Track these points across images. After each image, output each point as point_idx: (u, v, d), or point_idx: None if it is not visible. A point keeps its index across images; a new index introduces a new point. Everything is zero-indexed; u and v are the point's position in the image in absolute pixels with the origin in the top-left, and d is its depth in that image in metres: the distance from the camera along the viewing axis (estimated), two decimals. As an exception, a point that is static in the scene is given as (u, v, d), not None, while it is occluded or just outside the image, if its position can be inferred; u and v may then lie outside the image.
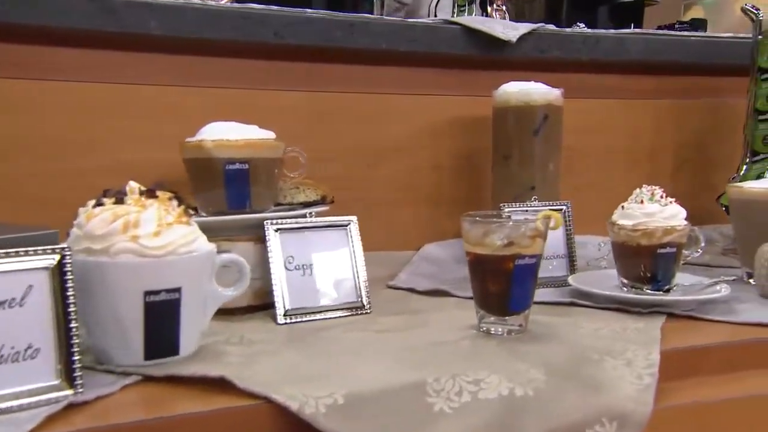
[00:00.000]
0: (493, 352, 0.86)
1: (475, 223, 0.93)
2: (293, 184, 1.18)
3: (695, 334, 0.95)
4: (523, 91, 1.30)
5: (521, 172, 1.33)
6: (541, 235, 0.92)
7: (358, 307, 1.04)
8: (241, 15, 1.25)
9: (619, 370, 0.82)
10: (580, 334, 0.92)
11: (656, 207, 1.07)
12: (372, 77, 1.41)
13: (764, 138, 1.47)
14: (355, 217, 1.07)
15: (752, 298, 1.12)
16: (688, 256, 1.15)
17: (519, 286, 0.92)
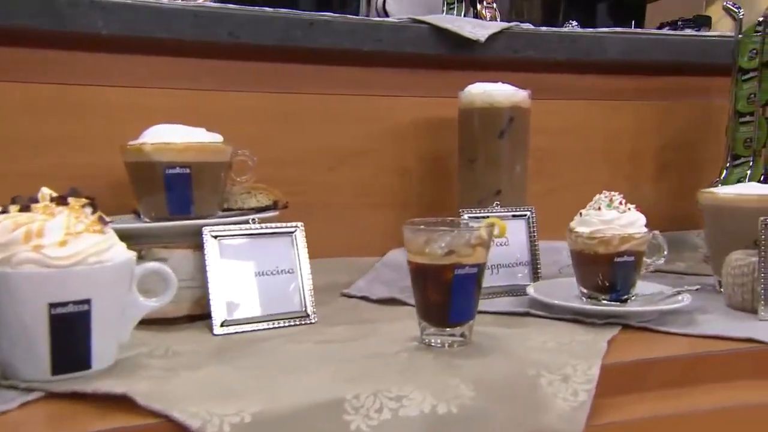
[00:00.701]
0: (427, 366, 0.82)
1: (416, 232, 0.89)
2: (244, 189, 1.14)
3: (646, 346, 0.91)
4: (487, 92, 1.26)
5: (486, 176, 1.29)
6: (483, 243, 0.88)
7: (302, 317, 1.00)
8: (194, 14, 1.22)
9: (554, 386, 0.78)
10: (524, 347, 0.88)
11: (614, 214, 1.03)
12: (334, 78, 1.37)
13: (745, 141, 1.42)
14: (301, 224, 1.04)
15: (718, 309, 1.08)
16: (650, 265, 1.10)
17: (459, 297, 0.88)
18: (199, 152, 1.02)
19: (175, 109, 1.20)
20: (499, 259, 1.18)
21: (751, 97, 1.41)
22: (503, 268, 1.18)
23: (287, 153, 1.35)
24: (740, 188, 1.18)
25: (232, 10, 1.26)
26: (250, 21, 1.27)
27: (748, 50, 1.42)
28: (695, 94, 1.65)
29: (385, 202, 1.42)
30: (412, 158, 1.44)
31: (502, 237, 0.96)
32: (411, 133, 1.43)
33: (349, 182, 1.39)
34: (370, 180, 1.41)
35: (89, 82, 1.20)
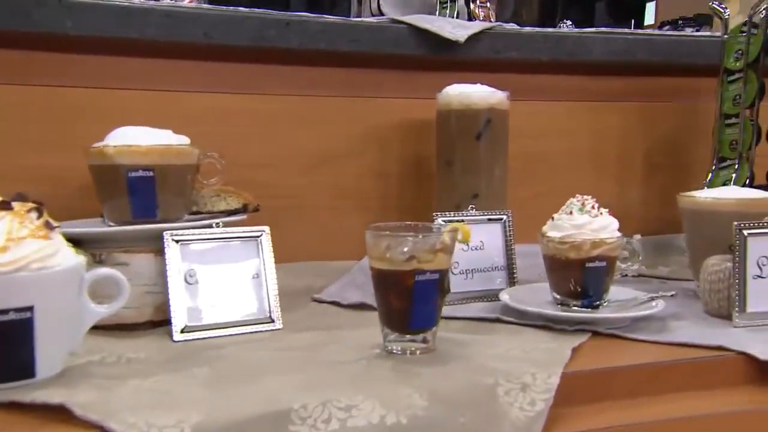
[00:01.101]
0: (384, 374, 0.80)
1: (378, 237, 0.87)
2: (214, 192, 1.13)
3: (612, 354, 0.89)
4: (464, 93, 1.24)
5: (464, 179, 1.27)
6: (445, 249, 0.86)
7: (266, 323, 0.98)
8: (167, 14, 1.20)
9: (512, 395, 0.76)
10: (487, 355, 0.86)
11: (585, 218, 1.01)
12: (311, 79, 1.35)
13: (731, 143, 1.40)
14: (267, 228, 1.02)
15: (695, 315, 1.06)
16: (626, 270, 1.08)
17: (421, 303, 0.86)
18: (163, 155, 1.00)
19: (146, 111, 1.19)
20: (474, 263, 1.16)
21: (737, 98, 1.38)
22: (478, 273, 1.16)
23: (264, 155, 1.33)
24: (719, 192, 1.16)
25: (205, 10, 1.25)
26: (223, 21, 1.25)
27: (734, 51, 1.39)
28: (684, 95, 1.62)
29: (364, 206, 1.40)
30: (392, 161, 1.42)
31: (466, 242, 0.93)
32: (391, 135, 1.41)
33: (327, 185, 1.37)
34: (349, 183, 1.39)
35: (58, 83, 1.18)
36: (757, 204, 1.10)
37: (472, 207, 1.18)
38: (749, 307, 1.01)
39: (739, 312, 1.00)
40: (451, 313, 1.07)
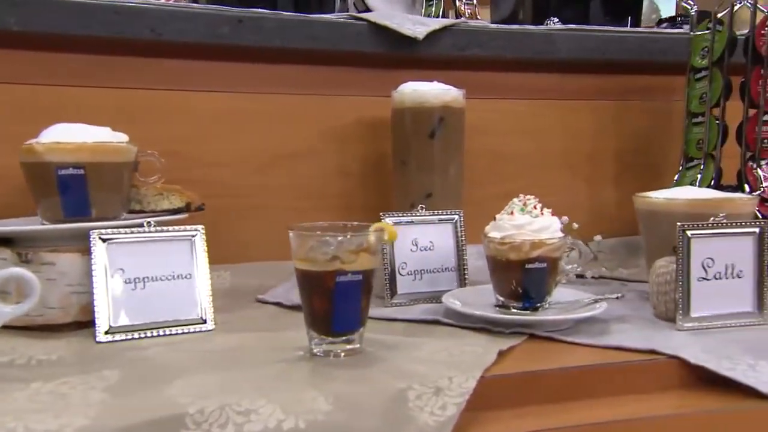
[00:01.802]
0: (298, 377, 0.78)
1: (301, 237, 0.85)
2: (157, 191, 1.11)
3: (542, 357, 0.87)
4: (417, 91, 1.22)
5: (418, 179, 1.25)
6: (369, 249, 0.84)
7: (198, 324, 0.97)
8: (114, 9, 1.19)
9: (423, 399, 0.74)
10: (410, 358, 0.84)
11: (526, 219, 0.98)
12: (269, 76, 1.34)
13: (698, 142, 1.37)
14: (202, 227, 1.00)
15: (641, 318, 1.03)
16: (571, 271, 1.05)
17: (343, 305, 0.84)
18: (95, 152, 0.99)
19: (93, 109, 1.18)
20: (424, 264, 1.14)
21: (703, 96, 1.35)
22: (427, 274, 1.14)
23: (221, 154, 1.32)
24: (672, 192, 1.13)
25: (154, 6, 1.23)
26: (172, 17, 1.24)
27: (701, 48, 1.36)
28: (657, 94, 1.60)
29: (325, 205, 1.38)
30: (353, 159, 1.40)
31: (392, 242, 0.91)
32: (352, 133, 1.39)
33: (286, 185, 1.36)
34: (309, 182, 1.37)
35: (1, 79, 1.16)
36: (708, 204, 1.07)
37: (421, 207, 1.15)
38: (693, 310, 0.98)
39: (682, 315, 0.97)
40: (393, 314, 1.05)
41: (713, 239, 0.99)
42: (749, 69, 1.29)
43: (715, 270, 0.99)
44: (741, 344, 0.91)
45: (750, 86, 1.29)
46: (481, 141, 1.48)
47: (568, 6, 2.47)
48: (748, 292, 1.01)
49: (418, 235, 1.14)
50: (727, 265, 1.00)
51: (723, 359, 0.86)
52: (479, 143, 1.48)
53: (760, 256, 1.00)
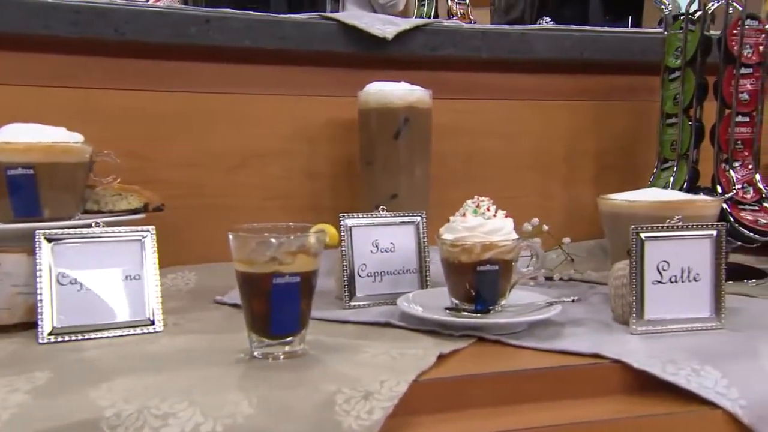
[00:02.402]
0: (229, 380, 0.78)
1: (240, 239, 0.84)
2: (115, 191, 1.11)
3: (484, 361, 0.86)
4: (381, 92, 1.21)
5: (383, 180, 1.24)
6: (307, 251, 0.83)
7: (145, 326, 0.96)
8: (75, 9, 1.19)
9: (351, 403, 0.73)
10: (350, 361, 0.83)
11: (478, 221, 0.98)
12: (237, 76, 1.33)
13: (672, 144, 1.35)
14: (153, 228, 1.00)
15: (598, 321, 1.02)
16: (527, 273, 1.04)
17: (280, 307, 0.84)
18: (46, 152, 0.98)
19: (56, 109, 1.18)
20: (384, 266, 1.13)
21: (677, 97, 1.33)
22: (387, 276, 1.13)
23: (188, 154, 1.31)
24: (635, 194, 1.11)
25: (118, 6, 1.22)
26: (136, 17, 1.23)
27: (674, 49, 1.34)
28: (637, 94, 1.57)
29: (293, 206, 1.37)
30: (322, 160, 1.39)
31: (334, 245, 0.90)
32: (322, 134, 1.39)
33: (253, 185, 1.35)
34: (277, 183, 1.37)
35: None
36: (669, 207, 1.06)
37: (382, 208, 1.14)
38: (647, 314, 0.97)
39: (636, 318, 0.96)
40: (348, 316, 1.04)
41: (668, 242, 0.97)
42: (722, 69, 1.27)
43: (670, 273, 0.98)
44: (691, 348, 0.89)
45: (722, 87, 1.27)
46: (455, 141, 1.47)
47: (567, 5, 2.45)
48: (706, 295, 0.99)
49: (379, 237, 1.13)
50: (684, 268, 0.98)
51: (668, 363, 0.85)
52: (453, 144, 1.47)
53: (717, 260, 0.99)
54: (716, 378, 0.83)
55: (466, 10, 2.44)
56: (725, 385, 0.82)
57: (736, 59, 1.26)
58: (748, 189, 1.29)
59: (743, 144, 1.29)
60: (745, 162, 1.29)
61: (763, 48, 1.27)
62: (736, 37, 1.25)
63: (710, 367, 0.85)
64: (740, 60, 1.26)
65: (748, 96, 1.27)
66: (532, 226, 1.31)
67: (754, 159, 1.29)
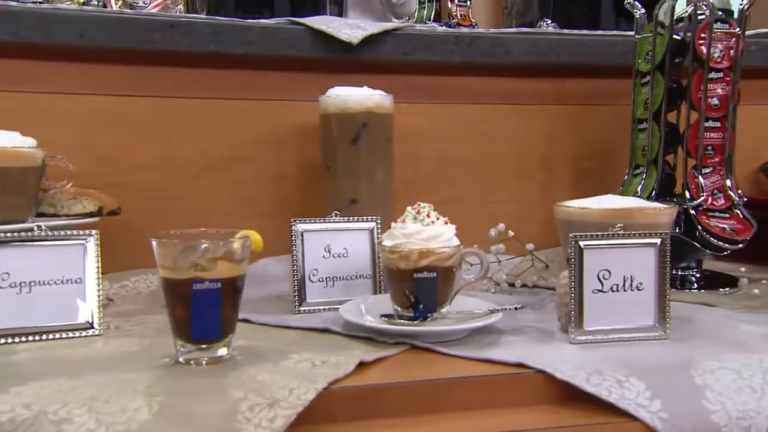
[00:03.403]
0: (140, 385, 0.78)
1: (163, 245, 0.85)
2: (71, 194, 1.13)
3: (405, 369, 0.85)
4: (339, 97, 1.21)
5: (342, 184, 1.24)
6: (228, 258, 0.84)
7: (84, 329, 0.97)
8: (41, 15, 1.21)
9: (255, 410, 0.73)
10: (271, 368, 0.83)
11: (416, 227, 0.97)
12: (203, 81, 1.34)
13: (643, 149, 1.33)
14: (96, 232, 1.00)
15: (540, 330, 1.01)
16: (471, 280, 1.03)
17: (201, 313, 0.84)
18: (-3, 157, 1.00)
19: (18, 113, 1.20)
20: (337, 271, 1.13)
21: (648, 102, 1.31)
22: (340, 281, 1.13)
23: (155, 158, 1.33)
24: (588, 202, 1.09)
25: (84, 12, 1.24)
26: (102, 23, 1.25)
27: (645, 52, 1.32)
28: (618, 98, 1.55)
29: (260, 210, 1.37)
30: (290, 164, 1.40)
31: (258, 250, 0.90)
32: (289, 138, 1.39)
33: (219, 189, 1.36)
34: (243, 187, 1.37)
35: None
36: (620, 214, 1.04)
37: (336, 213, 1.14)
38: (587, 323, 0.95)
39: (574, 328, 0.95)
40: (292, 322, 1.04)
41: (609, 251, 0.96)
42: (691, 73, 1.25)
43: (611, 282, 0.96)
44: (623, 359, 0.88)
45: (691, 91, 1.24)
46: (428, 146, 1.47)
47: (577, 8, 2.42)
48: (649, 305, 0.97)
49: (332, 242, 1.13)
50: (626, 277, 0.97)
51: (593, 374, 0.83)
52: (428, 148, 1.47)
53: (661, 269, 0.97)
54: (640, 390, 0.82)
55: (467, 12, 2.43)
56: (648, 397, 0.81)
57: (704, 63, 1.23)
58: (719, 196, 1.26)
59: (714, 150, 1.26)
60: (717, 168, 1.26)
61: (733, 52, 1.24)
62: (704, 40, 1.23)
63: (635, 379, 0.83)
64: (709, 64, 1.23)
65: (718, 101, 1.25)
66: (498, 231, 1.30)
67: (725, 165, 1.26)
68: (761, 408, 0.82)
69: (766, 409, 0.82)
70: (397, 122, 1.32)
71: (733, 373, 0.86)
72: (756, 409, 0.82)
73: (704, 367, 0.86)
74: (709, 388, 0.83)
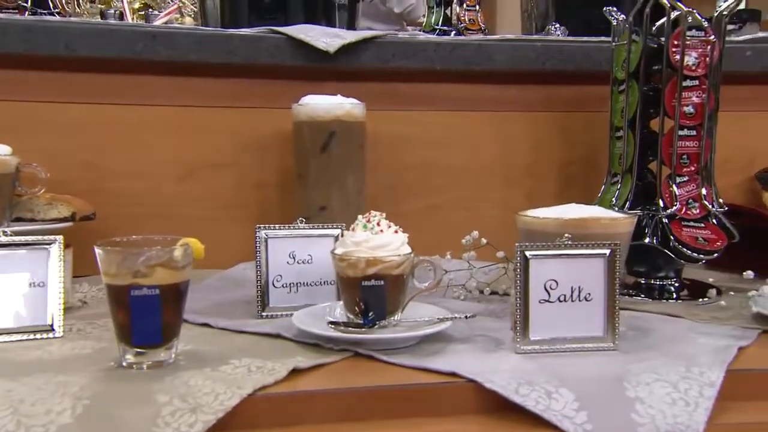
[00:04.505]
0: (73, 388, 0.80)
1: (105, 252, 0.88)
2: (47, 200, 1.17)
3: (339, 376, 0.87)
4: (309, 105, 1.24)
5: (312, 192, 1.26)
6: (167, 264, 0.86)
7: (44, 331, 1.01)
8: (27, 28, 1.25)
9: (175, 416, 0.75)
10: (207, 373, 0.85)
11: (365, 236, 0.98)
12: (185, 89, 1.38)
13: (620, 157, 1.32)
14: (61, 237, 1.04)
15: (492, 340, 1.01)
16: (424, 288, 1.04)
17: (141, 319, 0.87)
18: (-33, 164, 1.04)
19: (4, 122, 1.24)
20: (301, 277, 1.15)
21: (624, 110, 1.30)
22: (303, 287, 1.15)
23: (138, 165, 1.36)
24: (547, 211, 1.09)
25: (69, 24, 1.29)
26: (87, 34, 1.29)
27: (622, 60, 1.31)
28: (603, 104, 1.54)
29: (242, 216, 1.40)
30: (270, 171, 1.42)
31: (199, 258, 0.92)
32: (270, 145, 1.41)
33: (201, 195, 1.39)
34: (226, 193, 1.40)
35: None
36: (578, 224, 1.04)
37: (301, 220, 1.16)
38: (532, 333, 0.95)
39: (519, 338, 0.95)
40: (247, 327, 1.06)
41: (556, 261, 0.96)
42: (665, 81, 1.24)
43: (559, 292, 0.96)
44: (559, 369, 0.88)
45: (665, 99, 1.24)
46: (410, 153, 1.48)
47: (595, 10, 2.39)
48: (598, 316, 0.97)
49: (296, 249, 1.15)
50: (574, 287, 0.96)
51: (524, 385, 0.84)
52: (411, 155, 1.48)
53: (611, 279, 0.97)
54: (568, 401, 0.82)
55: (476, 17, 2.42)
56: (575, 408, 0.81)
57: (678, 71, 1.22)
58: (694, 205, 1.25)
59: (689, 158, 1.25)
60: (693, 177, 1.25)
61: (709, 59, 1.23)
62: (677, 47, 1.22)
63: (566, 390, 0.83)
64: (682, 71, 1.22)
65: (693, 109, 1.24)
66: (472, 239, 1.30)
67: (701, 174, 1.25)
68: (692, 422, 0.81)
69: (697, 422, 0.82)
70: (379, 130, 1.34)
71: (670, 386, 0.86)
72: (687, 423, 0.81)
73: (639, 380, 0.86)
74: (640, 400, 0.83)
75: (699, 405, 0.84)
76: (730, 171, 1.59)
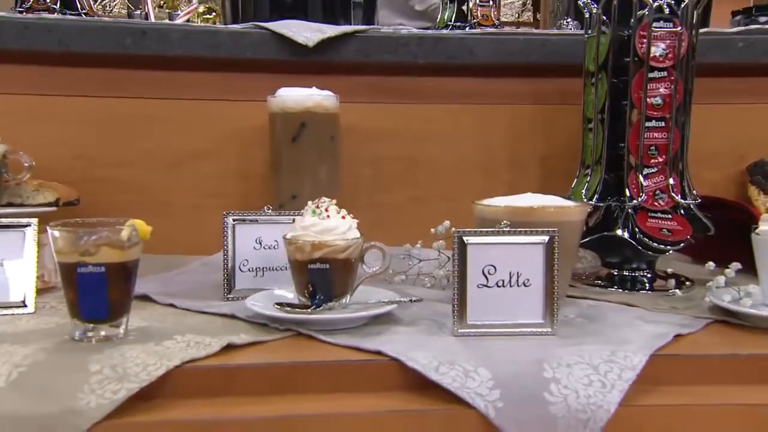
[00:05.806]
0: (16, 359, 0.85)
1: (58, 231, 0.94)
2: (35, 186, 1.24)
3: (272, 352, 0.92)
4: (281, 97, 1.28)
5: (284, 180, 1.31)
6: (111, 244, 0.92)
7: (17, 307, 1.08)
8: (23, 24, 1.32)
9: (103, 384, 0.81)
10: (147, 347, 0.91)
11: (312, 220, 1.02)
12: (173, 83, 1.43)
13: (592, 149, 1.34)
14: (36, 220, 1.11)
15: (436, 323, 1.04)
16: (372, 273, 1.08)
17: (87, 295, 0.93)
18: (-48, 152, 1.12)
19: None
20: (266, 262, 1.20)
21: (594, 102, 1.32)
22: (269, 272, 1.20)
23: (129, 155, 1.43)
24: (499, 200, 1.12)
25: (62, 21, 1.36)
26: (79, 30, 1.35)
27: (594, 52, 1.33)
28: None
29: (226, 204, 1.42)
30: (254, 161, 1.47)
31: (145, 239, 0.97)
32: (253, 136, 1.46)
33: (192, 184, 1.45)
34: (212, 182, 1.46)
35: None
36: (528, 212, 1.07)
37: (268, 207, 1.21)
38: (469, 317, 0.98)
39: (457, 321, 0.98)
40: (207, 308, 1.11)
41: (494, 247, 0.99)
42: (632, 72, 1.25)
43: (497, 278, 0.99)
44: (485, 351, 0.91)
45: (631, 90, 1.25)
46: (394, 146, 1.51)
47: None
48: (537, 301, 0.99)
49: (263, 234, 1.19)
50: (512, 273, 0.99)
51: (445, 364, 0.87)
52: (393, 147, 1.51)
53: (549, 265, 0.99)
54: (484, 379, 0.85)
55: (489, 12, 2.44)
56: (489, 387, 0.84)
57: (644, 62, 1.23)
58: (662, 196, 1.26)
59: (658, 149, 1.26)
60: (661, 168, 1.26)
61: (677, 50, 1.24)
62: (644, 39, 1.23)
63: (484, 369, 0.86)
64: (648, 62, 1.23)
65: (661, 100, 1.24)
66: (444, 228, 1.33)
67: (669, 165, 1.26)
68: (605, 402, 0.84)
69: (609, 403, 0.84)
70: (361, 122, 1.38)
71: (590, 368, 0.88)
72: (599, 403, 0.83)
73: (561, 362, 0.88)
74: (556, 381, 0.85)
75: (615, 387, 0.86)
76: (721, 164, 1.59)
